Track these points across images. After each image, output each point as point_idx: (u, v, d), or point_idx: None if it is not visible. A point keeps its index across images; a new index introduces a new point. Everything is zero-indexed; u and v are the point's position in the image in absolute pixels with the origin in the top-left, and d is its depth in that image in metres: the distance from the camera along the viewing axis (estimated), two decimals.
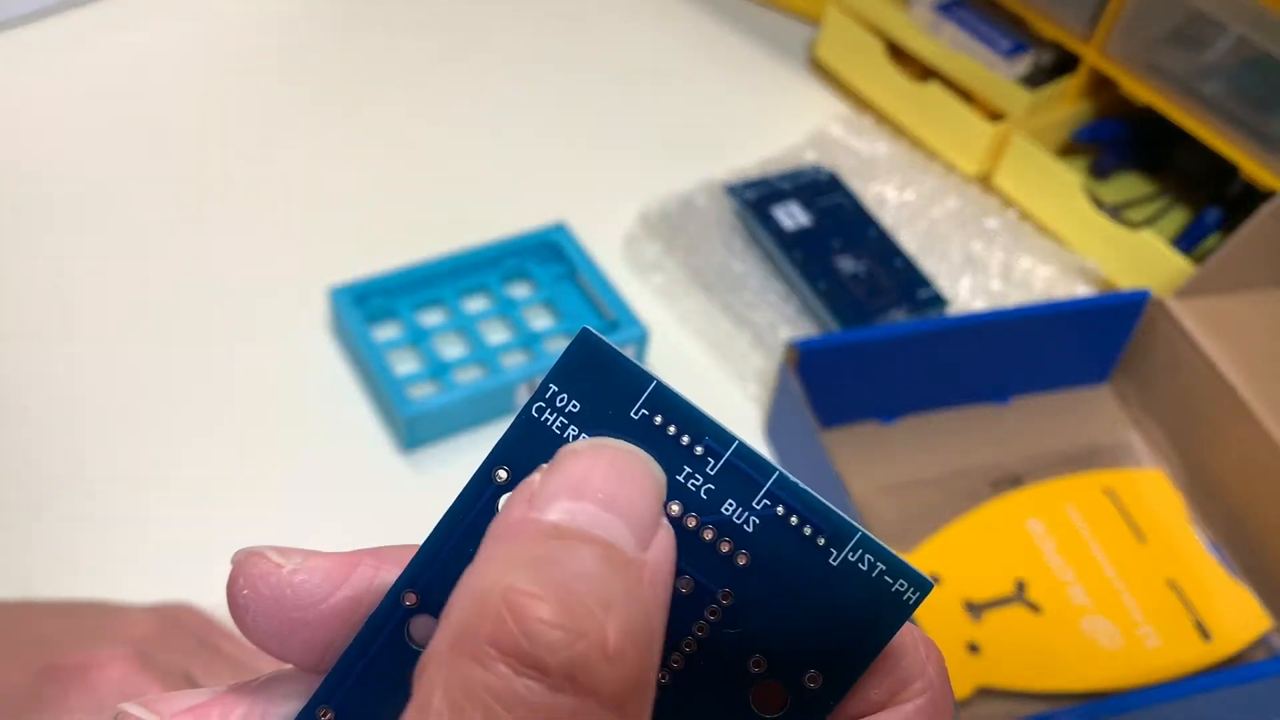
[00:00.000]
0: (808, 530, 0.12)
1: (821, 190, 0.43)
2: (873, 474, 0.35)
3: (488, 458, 0.12)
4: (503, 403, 0.35)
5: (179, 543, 0.32)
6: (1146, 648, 0.32)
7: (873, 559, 0.12)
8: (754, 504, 0.12)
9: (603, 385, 0.12)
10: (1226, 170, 0.40)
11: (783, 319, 0.39)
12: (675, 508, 0.12)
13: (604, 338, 0.12)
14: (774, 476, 0.12)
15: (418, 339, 0.37)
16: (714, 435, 0.12)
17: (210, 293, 0.39)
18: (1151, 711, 0.28)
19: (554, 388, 0.12)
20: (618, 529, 0.11)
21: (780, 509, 0.12)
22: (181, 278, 0.39)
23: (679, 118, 0.48)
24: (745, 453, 0.12)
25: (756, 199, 0.42)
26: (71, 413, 0.35)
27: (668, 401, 0.12)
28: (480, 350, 0.37)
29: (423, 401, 0.34)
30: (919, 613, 0.31)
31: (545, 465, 0.11)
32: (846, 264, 0.40)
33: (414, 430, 0.34)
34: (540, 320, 0.39)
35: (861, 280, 0.40)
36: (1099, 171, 0.45)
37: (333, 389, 0.36)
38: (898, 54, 0.47)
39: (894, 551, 0.12)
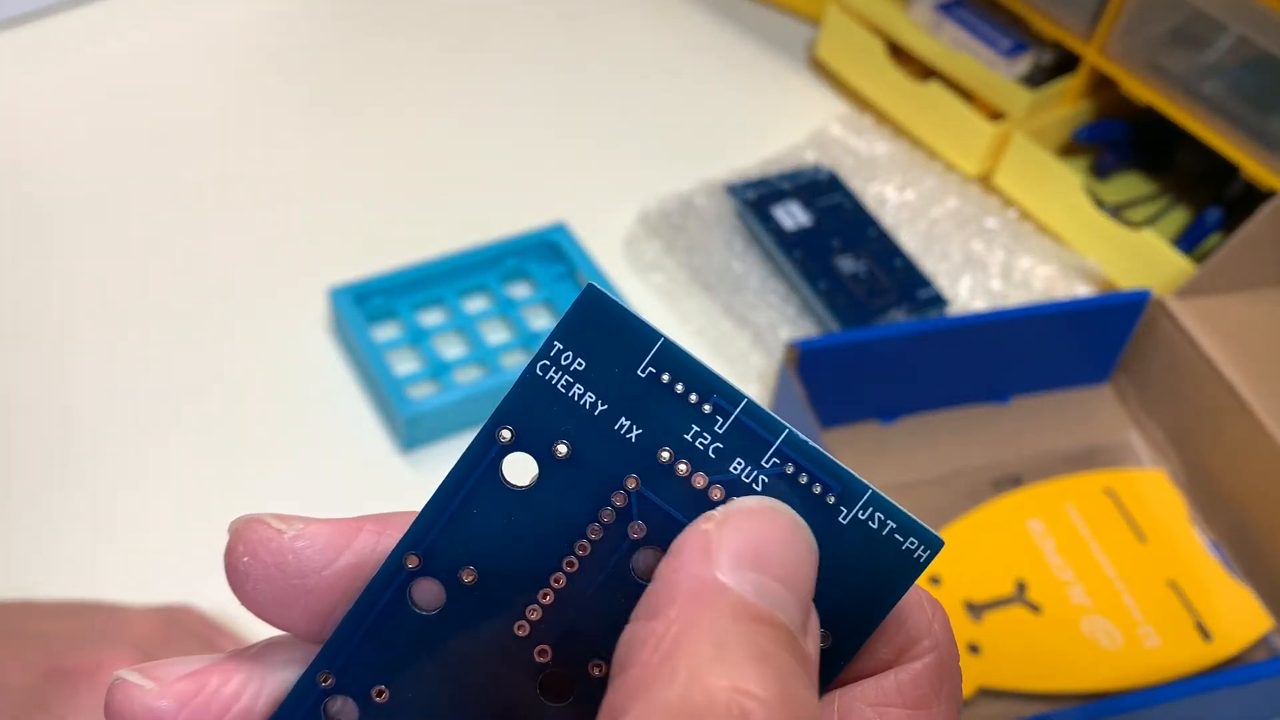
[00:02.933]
0: (817, 488, 0.12)
1: (822, 190, 0.43)
2: (873, 474, 0.35)
3: (491, 418, 0.12)
4: None
5: (178, 543, 0.32)
6: (1147, 648, 0.32)
7: (883, 517, 0.12)
8: (763, 462, 0.12)
9: (609, 342, 0.11)
10: (1227, 170, 0.40)
11: (783, 319, 0.39)
12: (683, 467, 0.12)
13: (609, 293, 0.12)
14: (783, 434, 0.12)
15: (417, 339, 0.37)
16: (723, 393, 0.12)
17: (210, 293, 0.39)
18: (1152, 712, 0.28)
19: (559, 345, 0.11)
20: (795, 613, 0.11)
21: (790, 467, 0.12)
22: (180, 278, 0.39)
23: (679, 117, 0.48)
24: (754, 411, 0.12)
25: (757, 199, 0.42)
26: (70, 412, 0.35)
27: (675, 358, 0.12)
28: (480, 350, 0.37)
29: (422, 401, 0.34)
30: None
31: (714, 513, 0.11)
32: (847, 264, 0.40)
33: (414, 430, 0.34)
34: (540, 320, 0.39)
35: (862, 280, 0.40)
36: (1099, 171, 0.45)
37: (332, 389, 0.36)
38: (898, 54, 0.47)
39: (905, 510, 0.12)
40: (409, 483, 0.34)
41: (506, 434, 0.12)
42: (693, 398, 0.12)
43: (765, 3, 0.54)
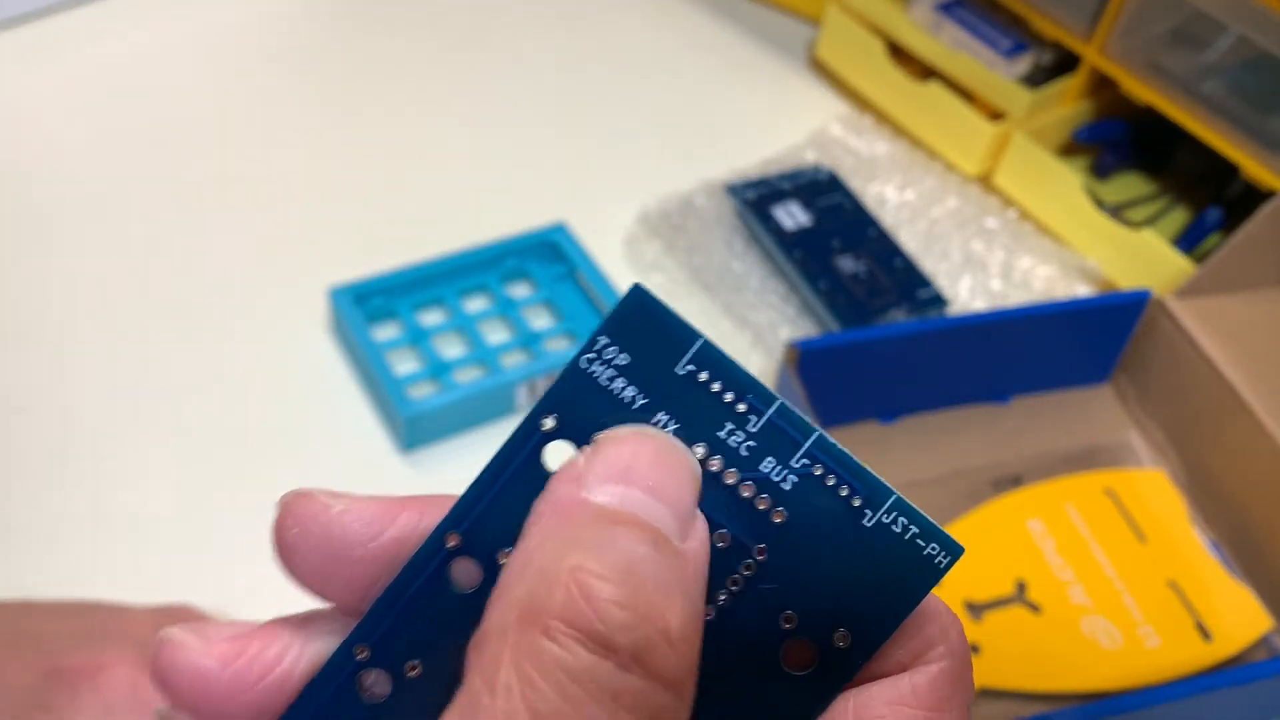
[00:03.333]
0: (844, 491, 0.12)
1: (822, 190, 0.43)
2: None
3: (535, 407, 0.12)
4: (503, 403, 0.35)
5: (178, 542, 0.32)
6: (1147, 648, 0.32)
7: (906, 521, 0.12)
8: (792, 463, 0.12)
9: (651, 339, 0.12)
10: (1227, 170, 0.40)
11: (783, 319, 0.39)
12: (716, 463, 0.12)
13: (655, 295, 0.12)
14: (813, 437, 0.12)
15: (417, 339, 0.37)
16: (756, 394, 0.12)
17: (210, 292, 0.39)
18: (1152, 712, 0.28)
19: (604, 340, 0.12)
20: (664, 517, 0.11)
21: (818, 469, 0.12)
22: (180, 278, 0.39)
23: (679, 117, 0.48)
24: (786, 413, 0.12)
25: (757, 199, 0.42)
26: (70, 412, 0.35)
27: (713, 358, 0.12)
28: (480, 350, 0.37)
29: (422, 401, 0.34)
30: None
31: (587, 448, 0.12)
32: (847, 264, 0.40)
33: (414, 430, 0.34)
34: (540, 320, 0.39)
35: (862, 280, 0.40)
36: (1099, 171, 0.45)
37: (332, 389, 0.36)
38: (898, 54, 0.47)
39: (927, 516, 0.12)
40: (409, 482, 0.34)
41: (549, 423, 0.12)
42: (728, 396, 0.12)
43: (765, 3, 0.54)
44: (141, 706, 0.21)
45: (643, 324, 0.12)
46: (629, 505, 0.11)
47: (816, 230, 0.41)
